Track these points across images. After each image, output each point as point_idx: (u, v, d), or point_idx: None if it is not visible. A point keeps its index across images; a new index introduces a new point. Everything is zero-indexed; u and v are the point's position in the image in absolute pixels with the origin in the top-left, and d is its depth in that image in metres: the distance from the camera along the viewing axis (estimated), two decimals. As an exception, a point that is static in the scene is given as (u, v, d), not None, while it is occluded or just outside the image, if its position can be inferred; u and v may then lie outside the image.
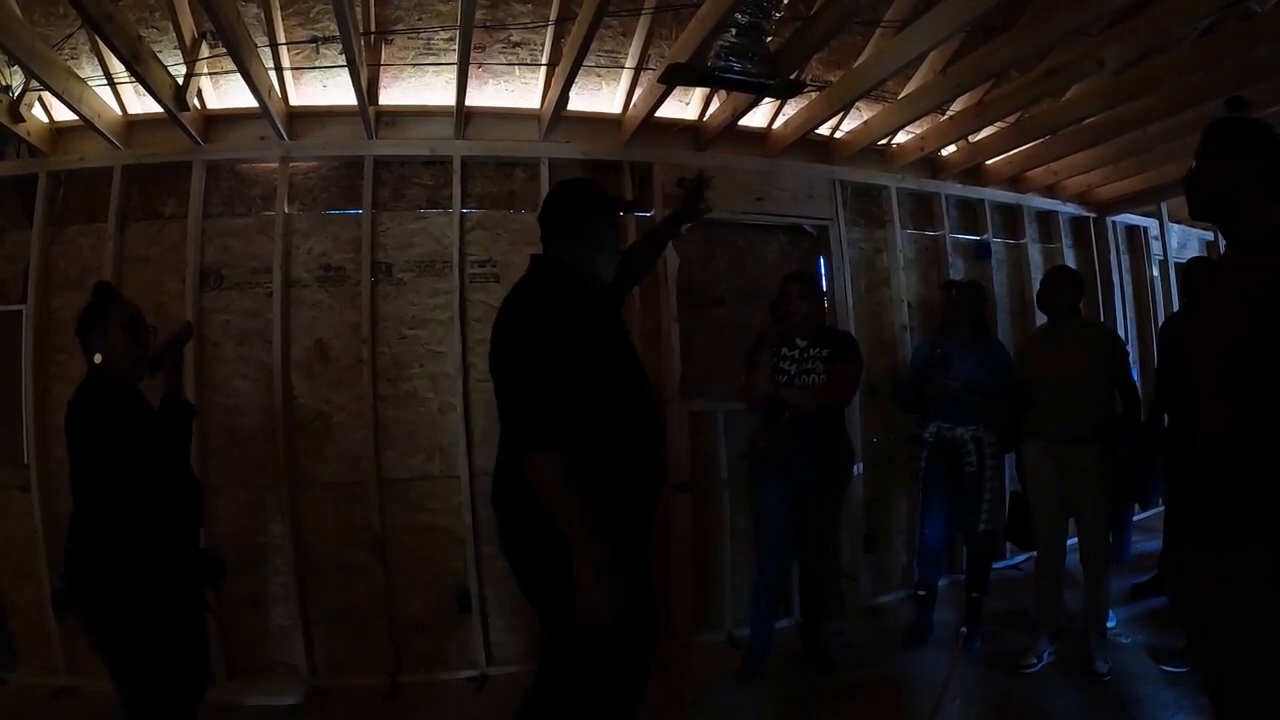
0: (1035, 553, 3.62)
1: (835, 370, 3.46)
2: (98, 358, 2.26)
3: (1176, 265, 6.31)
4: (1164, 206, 6.15)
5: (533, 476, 1.94)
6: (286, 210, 3.68)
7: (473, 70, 3.41)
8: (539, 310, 2.05)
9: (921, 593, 3.90)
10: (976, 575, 3.78)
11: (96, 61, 3.38)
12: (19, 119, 3.39)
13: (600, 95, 3.96)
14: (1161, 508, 4.40)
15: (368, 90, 3.46)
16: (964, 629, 3.70)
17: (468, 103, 3.57)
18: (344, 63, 3.10)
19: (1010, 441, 3.73)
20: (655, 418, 2.24)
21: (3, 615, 3.57)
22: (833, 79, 3.93)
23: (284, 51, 3.40)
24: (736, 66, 3.12)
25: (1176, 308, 5.40)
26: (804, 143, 4.23)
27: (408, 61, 3.62)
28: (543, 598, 2.10)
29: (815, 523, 3.52)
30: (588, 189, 2.34)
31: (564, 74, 3.32)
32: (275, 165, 3.69)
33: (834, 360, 3.46)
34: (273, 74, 3.41)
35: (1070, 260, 5.53)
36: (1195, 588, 1.62)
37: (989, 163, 4.99)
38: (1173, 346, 3.72)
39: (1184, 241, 6.61)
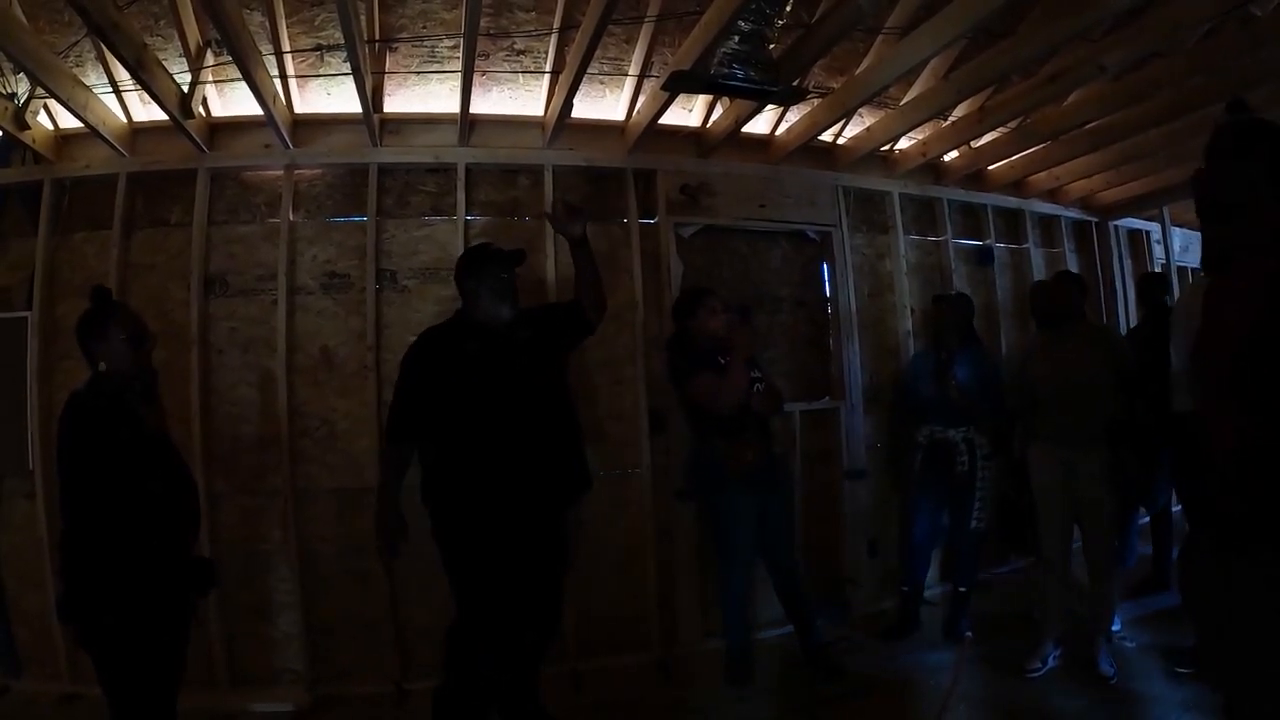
0: (1038, 557, 3.62)
1: (769, 380, 3.65)
2: (102, 365, 2.27)
3: (1179, 269, 6.33)
4: (1166, 211, 6.16)
5: None
6: (291, 217, 3.68)
7: (477, 78, 3.42)
8: (412, 345, 2.92)
9: (906, 589, 4.06)
10: (966, 570, 3.91)
11: (102, 69, 3.40)
12: (24, 126, 3.40)
13: (604, 102, 3.97)
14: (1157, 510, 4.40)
15: (372, 98, 3.48)
16: (970, 633, 3.72)
17: (472, 110, 3.57)
18: (348, 70, 3.11)
19: (1003, 443, 3.86)
20: (512, 436, 2.72)
21: (7, 621, 3.56)
22: (835, 85, 3.95)
23: (289, 59, 3.42)
24: (740, 73, 3.13)
25: (1135, 321, 5.23)
26: (807, 149, 4.24)
27: (412, 69, 3.64)
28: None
29: (786, 526, 3.63)
30: (463, 256, 3.03)
31: (568, 81, 3.33)
32: (280, 172, 3.70)
33: (761, 371, 3.63)
34: (277, 82, 3.42)
35: (1073, 265, 5.54)
36: (1209, 591, 1.62)
37: (991, 168, 5.00)
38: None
39: (1186, 245, 6.59)
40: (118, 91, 3.48)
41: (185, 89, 3.30)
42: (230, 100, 3.66)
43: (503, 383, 2.77)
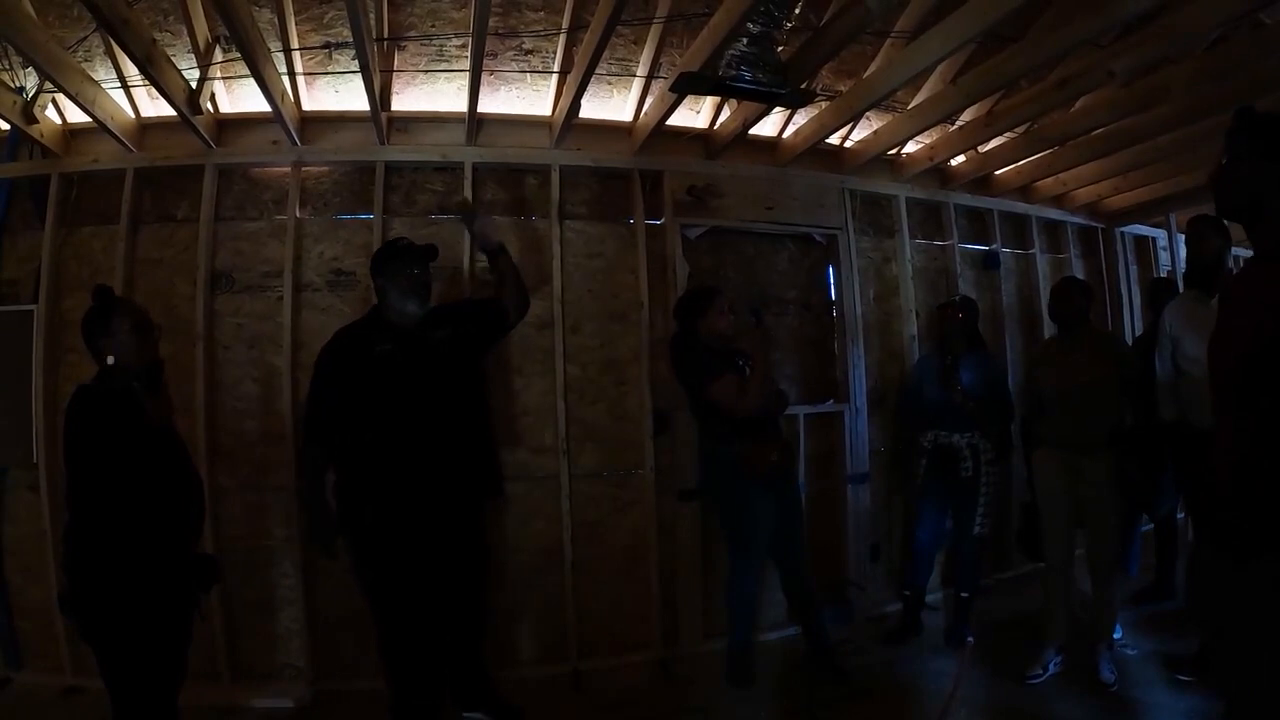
0: (1043, 562, 3.62)
1: (775, 382, 3.71)
2: (110, 359, 2.29)
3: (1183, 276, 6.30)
4: (1173, 217, 6.12)
5: None
6: (298, 214, 3.69)
7: (485, 77, 3.42)
8: (326, 343, 2.94)
9: (908, 593, 4.08)
10: (967, 576, 3.90)
11: (110, 64, 3.40)
12: (32, 120, 3.40)
13: (612, 103, 3.97)
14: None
15: (380, 96, 3.47)
16: (971, 638, 3.70)
17: (479, 109, 3.58)
18: (357, 68, 3.12)
19: (1008, 448, 3.90)
20: (416, 438, 2.79)
21: (9, 613, 3.57)
22: (843, 89, 3.94)
23: (297, 57, 3.42)
24: (748, 75, 3.13)
25: (1142, 327, 5.30)
26: (814, 152, 4.23)
27: (420, 68, 3.64)
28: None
29: (798, 526, 3.62)
30: (377, 253, 3.08)
31: (576, 82, 3.32)
32: (287, 169, 3.71)
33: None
34: (286, 79, 3.42)
35: (1078, 271, 5.50)
36: (1212, 593, 1.62)
37: (998, 173, 4.99)
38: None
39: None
40: (126, 87, 3.49)
41: (193, 85, 3.30)
42: (238, 97, 3.66)
43: (409, 384, 2.82)
